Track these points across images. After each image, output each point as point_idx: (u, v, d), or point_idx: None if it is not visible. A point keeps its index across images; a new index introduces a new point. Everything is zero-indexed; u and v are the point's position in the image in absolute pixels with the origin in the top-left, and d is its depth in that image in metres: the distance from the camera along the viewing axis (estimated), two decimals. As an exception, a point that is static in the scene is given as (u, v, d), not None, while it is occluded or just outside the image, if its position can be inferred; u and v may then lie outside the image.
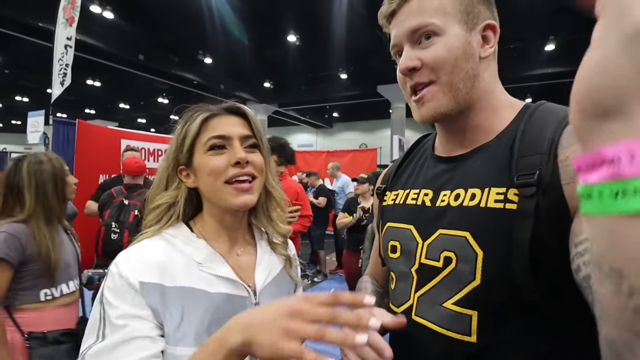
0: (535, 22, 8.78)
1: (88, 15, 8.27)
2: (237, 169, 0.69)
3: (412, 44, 0.64)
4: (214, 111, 0.74)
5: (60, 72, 4.05)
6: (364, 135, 19.59)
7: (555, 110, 0.61)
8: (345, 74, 12.59)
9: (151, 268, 0.64)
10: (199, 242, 0.72)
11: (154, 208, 0.73)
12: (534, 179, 0.53)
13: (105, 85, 14.24)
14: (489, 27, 0.64)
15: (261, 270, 0.77)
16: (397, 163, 0.85)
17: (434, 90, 0.63)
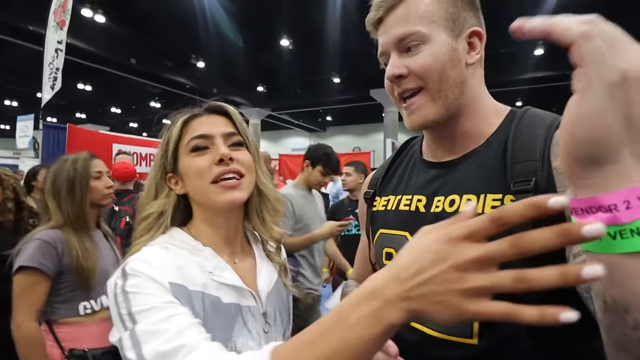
0: (525, 27, 8.90)
1: (79, 19, 8.20)
2: (222, 167, 0.66)
3: (399, 52, 0.64)
4: (194, 112, 0.72)
5: (51, 76, 4.01)
6: (357, 139, 19.67)
7: (541, 116, 0.62)
8: (338, 78, 12.64)
9: (172, 270, 0.61)
10: (206, 251, 0.69)
11: (144, 218, 0.70)
12: (531, 185, 0.54)
13: (96, 89, 14.10)
14: (474, 34, 0.65)
15: (262, 276, 0.74)
16: (385, 167, 0.84)
17: (422, 99, 0.64)
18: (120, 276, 0.58)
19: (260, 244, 0.80)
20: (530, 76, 10.81)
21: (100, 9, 8.48)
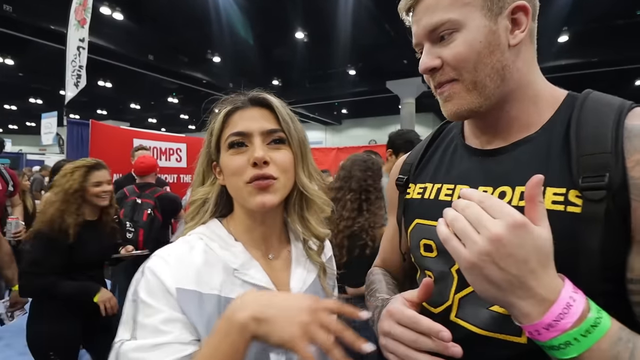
0: (548, 14, 8.60)
1: (98, 17, 8.37)
2: (256, 170, 0.64)
3: (432, 42, 0.60)
4: (237, 104, 0.69)
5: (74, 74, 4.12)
6: (373, 132, 19.49)
7: (606, 99, 0.57)
8: (353, 70, 12.51)
9: (189, 272, 0.61)
10: (237, 247, 0.68)
11: (191, 203, 0.72)
12: (605, 182, 0.49)
13: (116, 86, 14.42)
14: (519, 9, 0.57)
15: (297, 277, 0.72)
16: (419, 152, 0.79)
17: (456, 88, 0.60)
18: (141, 271, 0.62)
19: (300, 242, 0.78)
20: (554, 64, 10.42)
21: (118, 7, 8.63)
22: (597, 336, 0.41)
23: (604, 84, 12.48)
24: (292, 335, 0.49)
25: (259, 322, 0.50)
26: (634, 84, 13.15)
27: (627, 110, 0.54)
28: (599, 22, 9.20)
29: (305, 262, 0.76)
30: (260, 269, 0.68)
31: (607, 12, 8.71)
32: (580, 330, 0.42)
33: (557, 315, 0.42)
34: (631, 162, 0.50)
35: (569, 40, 9.84)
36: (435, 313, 0.66)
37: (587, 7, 8.20)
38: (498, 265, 0.44)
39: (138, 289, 0.60)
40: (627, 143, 0.51)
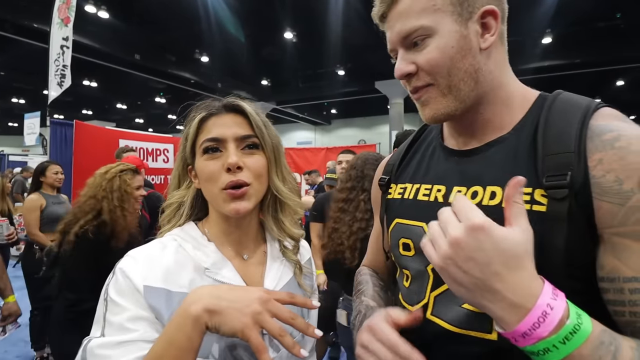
0: (532, 16, 8.77)
1: (83, 15, 8.20)
2: (230, 176, 0.66)
3: (406, 48, 0.61)
4: (211, 110, 0.71)
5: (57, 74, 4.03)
6: (362, 132, 19.58)
7: (574, 100, 0.59)
8: (342, 70, 12.54)
9: (157, 270, 0.63)
10: (209, 247, 0.70)
11: (166, 206, 0.74)
12: (566, 180, 0.51)
13: (101, 86, 14.17)
14: (488, 13, 0.59)
15: (271, 277, 0.73)
16: (401, 153, 0.81)
17: (432, 93, 0.61)
18: (113, 271, 0.64)
19: (276, 242, 0.79)
20: (536, 65, 10.63)
21: (103, 5, 8.48)
22: (577, 342, 0.41)
23: (587, 84, 12.77)
24: (243, 324, 0.52)
25: (211, 313, 0.53)
26: (615, 85, 13.50)
27: (592, 111, 0.55)
28: (581, 25, 9.42)
29: (281, 261, 0.77)
30: (232, 268, 0.69)
31: (589, 15, 8.93)
32: (558, 337, 0.42)
33: (532, 324, 0.42)
34: (593, 161, 0.51)
35: (553, 42, 10.05)
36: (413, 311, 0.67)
37: (569, 10, 8.39)
38: (461, 268, 0.46)
39: (108, 288, 0.62)
40: (589, 143, 0.52)
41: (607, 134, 0.51)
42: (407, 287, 0.71)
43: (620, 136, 0.50)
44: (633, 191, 0.47)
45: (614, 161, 0.49)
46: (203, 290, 0.56)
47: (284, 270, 0.77)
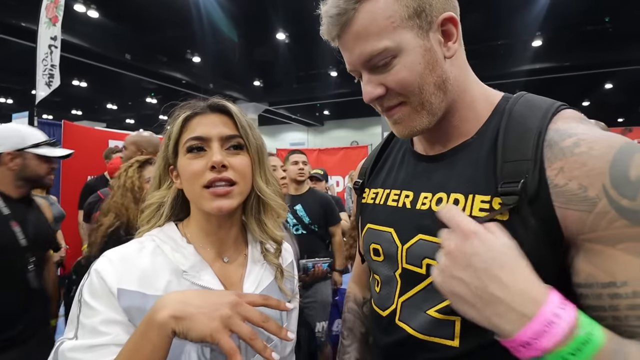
0: (522, 19, 8.87)
1: (72, 15, 8.09)
2: (214, 174, 0.66)
3: (370, 71, 0.59)
4: (196, 110, 0.70)
5: (45, 73, 3.96)
6: (355, 133, 19.61)
7: (535, 103, 0.58)
8: (335, 71, 12.55)
9: (133, 273, 0.63)
10: (188, 249, 0.69)
11: (146, 207, 0.73)
12: (518, 187, 0.50)
13: (91, 86, 13.98)
14: (447, 21, 0.58)
15: (251, 279, 0.73)
16: (373, 158, 0.81)
17: (405, 110, 0.60)
18: (89, 272, 0.63)
19: (258, 245, 0.79)
20: (527, 68, 10.76)
21: (93, 4, 8.37)
22: (588, 354, 0.39)
23: (577, 87, 12.96)
24: (211, 329, 0.51)
25: (178, 319, 0.52)
26: (604, 87, 13.73)
27: (551, 115, 0.54)
28: (571, 28, 9.56)
29: (261, 264, 0.76)
30: (210, 271, 0.68)
31: (579, 19, 9.07)
32: (569, 348, 0.39)
33: (535, 333, 0.40)
34: (553, 170, 0.50)
35: (543, 45, 10.18)
36: (383, 316, 0.68)
37: (559, 13, 8.51)
38: (459, 279, 0.44)
39: (83, 289, 0.62)
40: (547, 150, 0.51)
41: (567, 140, 0.51)
42: (378, 292, 0.72)
43: (580, 141, 0.50)
44: (599, 197, 0.46)
45: (575, 168, 0.48)
46: (171, 297, 0.55)
47: (265, 274, 0.76)
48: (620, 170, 0.45)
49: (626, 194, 0.44)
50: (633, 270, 0.44)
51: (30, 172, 1.60)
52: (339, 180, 7.12)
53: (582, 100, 16.25)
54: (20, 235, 1.51)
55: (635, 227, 0.44)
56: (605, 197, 0.46)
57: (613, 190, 0.45)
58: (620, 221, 0.45)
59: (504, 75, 11.15)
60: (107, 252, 0.66)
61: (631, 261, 0.44)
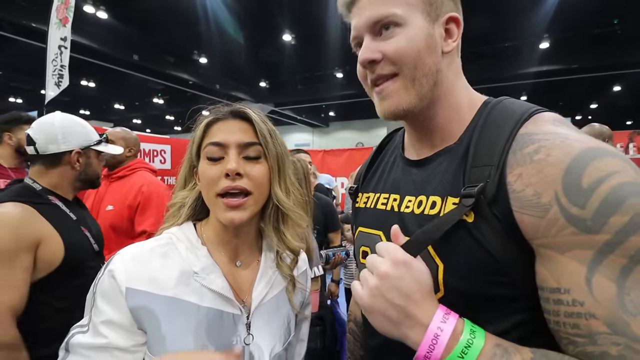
0: (530, 21, 8.81)
1: (81, 16, 8.19)
2: (228, 182, 0.65)
3: (373, 35, 0.61)
4: (218, 115, 0.70)
5: (55, 74, 4.01)
6: (360, 134, 19.59)
7: (511, 109, 0.59)
8: (341, 73, 12.57)
9: (143, 272, 0.64)
10: (202, 250, 0.69)
11: (170, 206, 0.75)
12: (475, 191, 0.52)
13: (99, 86, 14.12)
14: (452, 20, 0.61)
15: (261, 286, 0.73)
16: (367, 163, 0.83)
17: (396, 86, 0.60)
18: (104, 267, 0.65)
19: (273, 253, 0.78)
20: (535, 70, 10.68)
21: (102, 5, 8.46)
22: (472, 356, 0.46)
23: (584, 89, 12.83)
24: None
25: None
26: (612, 90, 13.58)
27: (523, 120, 0.55)
28: (578, 30, 9.48)
29: (273, 273, 0.76)
30: (220, 275, 0.68)
31: (587, 21, 8.99)
32: (455, 353, 0.46)
33: (429, 347, 0.47)
34: (513, 175, 0.51)
35: (550, 47, 10.10)
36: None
37: (567, 15, 8.44)
38: (385, 298, 0.50)
39: (97, 284, 0.64)
40: (510, 156, 0.52)
41: (529, 147, 0.52)
42: None
43: (541, 148, 0.50)
44: (550, 204, 0.47)
45: (532, 175, 0.49)
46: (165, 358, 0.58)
47: (276, 281, 0.76)
48: (573, 178, 0.46)
49: (576, 202, 0.45)
50: (576, 279, 0.45)
51: (92, 172, 1.43)
52: (343, 182, 7.12)
53: (590, 103, 16.08)
54: (92, 240, 1.38)
55: (583, 234, 0.45)
56: (557, 204, 0.47)
57: (564, 198, 0.46)
58: (569, 229, 0.45)
59: (512, 77, 11.08)
60: (122, 250, 0.67)
61: (576, 269, 0.45)
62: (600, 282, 0.44)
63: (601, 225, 0.44)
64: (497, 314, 0.53)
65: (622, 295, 0.43)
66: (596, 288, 0.44)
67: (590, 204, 0.44)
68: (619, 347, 0.42)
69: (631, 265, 0.43)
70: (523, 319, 0.52)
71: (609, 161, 0.46)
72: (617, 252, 0.43)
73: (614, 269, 0.43)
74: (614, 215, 0.43)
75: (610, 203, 0.43)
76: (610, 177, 0.44)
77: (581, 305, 0.45)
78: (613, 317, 0.43)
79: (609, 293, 0.43)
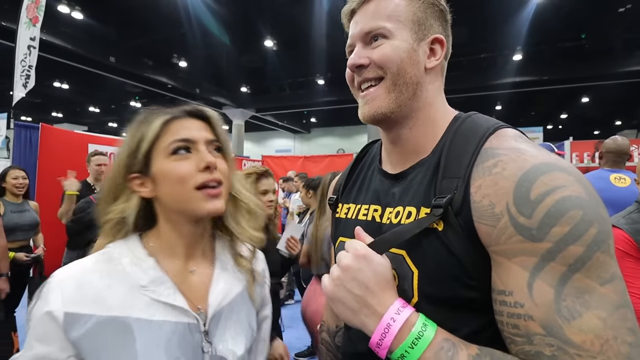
0: (504, 34, 9.16)
1: (56, 15, 7.93)
2: (207, 175, 0.65)
3: (364, 44, 0.67)
4: (175, 114, 0.69)
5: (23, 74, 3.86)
6: (341, 141, 19.75)
7: (477, 124, 0.63)
8: (322, 79, 12.66)
9: (84, 294, 0.60)
10: (148, 262, 0.66)
11: (104, 222, 0.68)
12: (443, 202, 0.56)
13: (73, 88, 13.69)
14: (437, 41, 0.67)
15: (217, 290, 0.71)
16: (346, 174, 0.85)
17: (380, 90, 0.65)
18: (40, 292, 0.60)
19: (227, 253, 0.77)
20: (509, 81, 11.10)
21: (77, 6, 8.23)
22: (422, 347, 0.50)
23: (555, 100, 13.39)
24: None
25: None
26: (581, 101, 14.25)
27: (487, 135, 0.59)
28: (548, 44, 9.93)
29: (230, 274, 0.75)
30: (171, 285, 0.66)
31: (556, 35, 9.43)
32: (407, 343, 0.50)
33: (381, 335, 0.52)
34: (474, 187, 0.55)
35: (523, 59, 10.53)
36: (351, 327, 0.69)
37: (538, 29, 8.83)
38: (346, 288, 0.55)
39: (32, 312, 0.60)
40: (474, 169, 0.56)
41: (490, 161, 0.55)
42: None
43: (498, 162, 0.54)
44: (502, 214, 0.51)
45: (489, 187, 0.53)
46: None
47: (234, 282, 0.74)
48: (523, 191, 0.50)
49: (524, 212, 0.49)
50: (519, 282, 0.49)
51: None
52: (324, 188, 7.12)
53: (561, 113, 16.81)
54: None
55: (528, 242, 0.49)
56: (507, 214, 0.51)
57: (514, 208, 0.50)
58: (517, 237, 0.49)
59: (487, 88, 11.46)
60: (58, 272, 0.62)
61: (520, 274, 0.49)
62: (540, 286, 0.48)
63: (544, 235, 0.48)
64: (466, 317, 0.56)
65: (558, 301, 0.46)
66: (536, 292, 0.48)
67: (535, 214, 0.48)
68: (552, 348, 0.46)
69: (569, 274, 0.47)
70: (492, 321, 0.54)
71: (557, 175, 0.50)
72: (557, 260, 0.47)
73: (553, 275, 0.47)
74: (555, 225, 0.47)
75: (553, 214, 0.47)
76: (556, 191, 0.48)
77: (521, 307, 0.49)
78: (548, 320, 0.47)
79: (547, 298, 0.47)
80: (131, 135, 0.68)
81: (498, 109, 14.97)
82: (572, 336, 0.45)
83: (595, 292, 0.46)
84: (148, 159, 0.67)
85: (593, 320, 0.45)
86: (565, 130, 18.84)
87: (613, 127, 17.96)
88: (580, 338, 0.45)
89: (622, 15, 8.42)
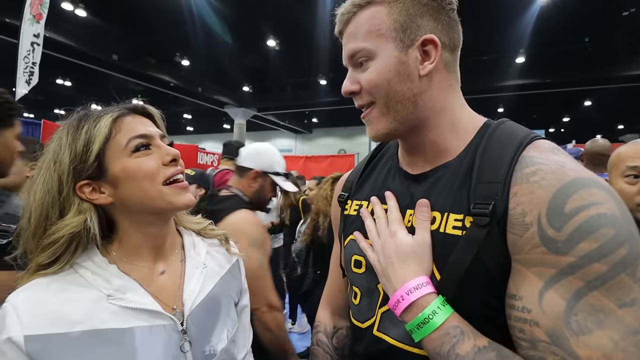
0: (507, 36, 9.14)
1: (59, 13, 7.95)
2: (173, 168, 0.65)
3: (354, 67, 0.66)
4: (120, 112, 0.66)
5: (26, 71, 3.86)
6: (342, 141, 19.72)
7: (514, 131, 0.61)
8: (325, 80, 12.65)
9: (42, 315, 0.56)
10: (110, 270, 0.62)
11: (48, 245, 0.59)
12: (489, 210, 0.54)
13: (76, 85, 13.71)
14: (428, 42, 0.61)
15: (190, 288, 0.68)
16: (359, 171, 0.82)
17: (374, 113, 0.65)
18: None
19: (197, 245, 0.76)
20: (512, 83, 11.06)
21: (81, 3, 8.25)
22: (427, 331, 0.53)
23: (560, 103, 13.36)
24: None
25: None
26: (583, 104, 14.21)
27: (526, 143, 0.58)
28: (552, 47, 9.90)
29: (201, 269, 0.72)
30: (139, 290, 0.63)
31: (560, 38, 9.40)
32: (413, 323, 0.55)
33: (392, 306, 0.58)
34: (511, 193, 0.54)
35: (526, 62, 10.50)
36: (362, 328, 0.70)
37: (542, 32, 8.81)
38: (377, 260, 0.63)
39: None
40: (514, 175, 0.55)
41: (529, 168, 0.54)
42: (357, 304, 0.72)
43: (538, 171, 0.53)
44: (531, 224, 0.50)
45: (524, 195, 0.52)
46: None
47: (206, 280, 0.72)
48: (558, 202, 0.49)
49: (554, 224, 0.48)
50: (532, 289, 0.49)
51: (261, 196, 1.65)
52: (325, 188, 7.13)
53: (563, 116, 16.76)
54: None
55: (552, 255, 0.48)
56: (537, 224, 0.50)
57: (545, 219, 0.49)
58: (540, 248, 0.49)
59: (489, 90, 11.43)
60: (13, 296, 0.57)
61: (535, 282, 0.49)
62: (552, 297, 0.47)
63: (570, 248, 0.46)
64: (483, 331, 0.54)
65: (569, 314, 0.46)
66: (546, 301, 0.48)
67: (566, 228, 0.47)
68: (556, 357, 0.46)
69: (586, 290, 0.45)
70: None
71: (595, 192, 0.48)
72: (577, 275, 0.46)
73: (568, 288, 0.46)
74: (584, 240, 0.46)
75: (584, 229, 0.46)
76: (591, 207, 0.47)
77: (528, 312, 0.49)
78: (555, 330, 0.46)
79: (557, 309, 0.47)
80: (71, 140, 0.62)
81: (500, 112, 14.93)
82: (577, 350, 0.44)
83: (612, 314, 0.44)
84: (101, 161, 0.62)
85: (603, 340, 0.44)
86: (568, 133, 18.80)
87: (616, 131, 17.89)
88: (586, 353, 0.44)
89: (626, 18, 8.39)
